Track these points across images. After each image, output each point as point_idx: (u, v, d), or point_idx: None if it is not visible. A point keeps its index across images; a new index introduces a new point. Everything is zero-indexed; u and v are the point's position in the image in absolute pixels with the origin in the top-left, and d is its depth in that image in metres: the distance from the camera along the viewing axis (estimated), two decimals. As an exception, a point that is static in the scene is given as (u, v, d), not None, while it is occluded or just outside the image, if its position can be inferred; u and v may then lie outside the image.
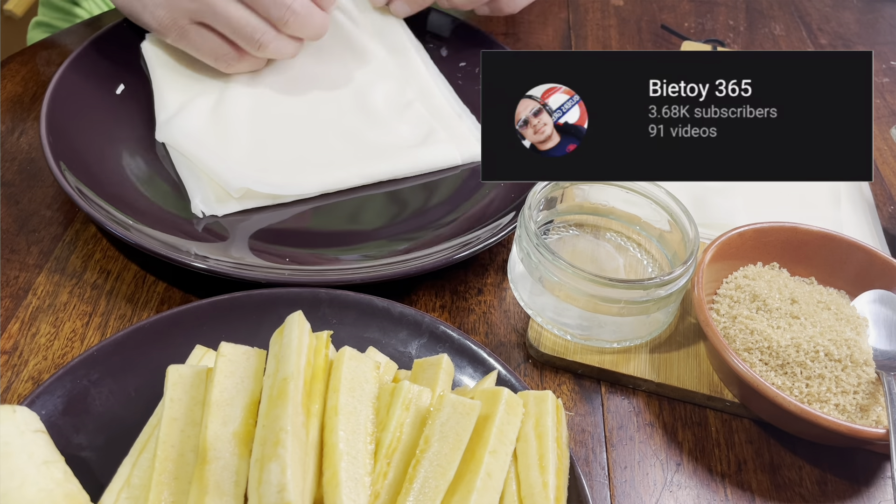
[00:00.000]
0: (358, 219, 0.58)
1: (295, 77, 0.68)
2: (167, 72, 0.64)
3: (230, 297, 0.46)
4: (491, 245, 0.54)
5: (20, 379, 0.46)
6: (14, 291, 0.51)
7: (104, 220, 0.50)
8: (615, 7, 0.94)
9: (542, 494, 0.37)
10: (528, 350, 0.51)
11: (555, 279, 0.48)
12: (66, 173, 0.53)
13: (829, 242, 0.54)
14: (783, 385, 0.47)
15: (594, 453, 0.46)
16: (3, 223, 0.55)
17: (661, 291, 0.48)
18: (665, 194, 0.53)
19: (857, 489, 0.47)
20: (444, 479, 0.35)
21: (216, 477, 0.34)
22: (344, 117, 0.65)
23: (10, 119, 0.64)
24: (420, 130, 0.65)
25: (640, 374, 0.50)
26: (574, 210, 0.57)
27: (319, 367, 0.37)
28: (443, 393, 0.37)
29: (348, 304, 0.47)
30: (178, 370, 0.38)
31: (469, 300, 0.54)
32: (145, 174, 0.57)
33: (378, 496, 0.35)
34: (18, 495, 0.33)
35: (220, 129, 0.61)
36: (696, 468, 0.47)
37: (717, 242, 0.53)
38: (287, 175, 0.58)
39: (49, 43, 0.73)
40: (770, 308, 0.50)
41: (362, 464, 0.35)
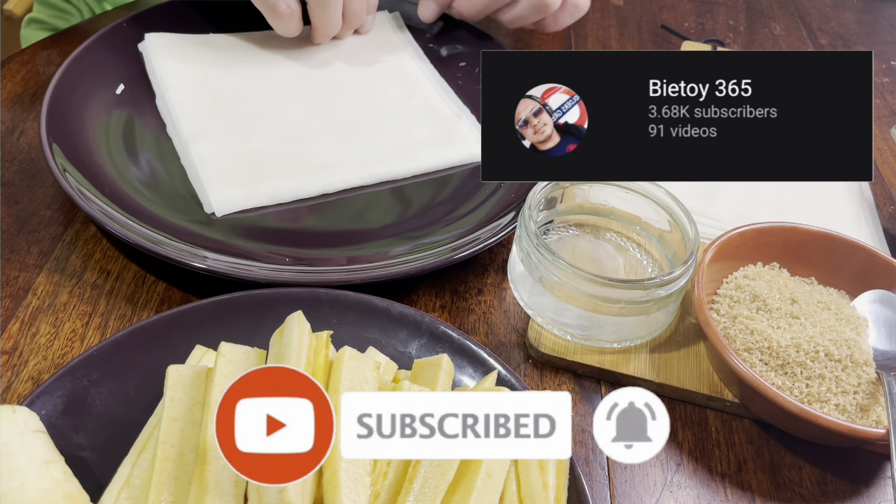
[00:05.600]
0: (358, 219, 0.58)
1: (295, 78, 0.68)
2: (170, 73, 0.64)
3: (230, 297, 0.46)
4: (491, 245, 0.54)
5: (20, 379, 0.46)
6: (14, 291, 0.51)
7: (104, 220, 0.50)
8: (615, 7, 0.94)
9: (542, 494, 0.37)
10: (528, 350, 0.51)
11: (555, 279, 0.48)
12: (66, 173, 0.53)
13: (829, 242, 0.54)
14: (783, 385, 0.47)
15: (594, 453, 0.46)
16: (3, 223, 0.55)
17: (661, 291, 0.48)
18: (665, 194, 0.53)
19: (857, 489, 0.47)
20: (444, 479, 0.35)
21: (216, 477, 0.34)
22: (344, 118, 0.65)
23: (10, 119, 0.64)
24: (420, 131, 0.65)
25: (640, 374, 0.50)
26: (574, 210, 0.57)
27: (319, 367, 0.37)
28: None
29: (348, 304, 0.47)
30: (178, 370, 0.38)
31: (469, 300, 0.54)
32: (145, 174, 0.57)
33: (378, 496, 0.35)
34: (18, 495, 0.33)
35: (221, 129, 0.61)
36: (696, 468, 0.47)
37: (717, 242, 0.53)
38: (287, 176, 0.58)
39: (49, 43, 0.73)
40: (770, 308, 0.50)
41: (362, 464, 0.35)
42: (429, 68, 0.72)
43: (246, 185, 0.57)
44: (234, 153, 0.59)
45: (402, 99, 0.68)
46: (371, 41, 0.72)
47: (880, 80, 0.87)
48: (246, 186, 0.57)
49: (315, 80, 0.68)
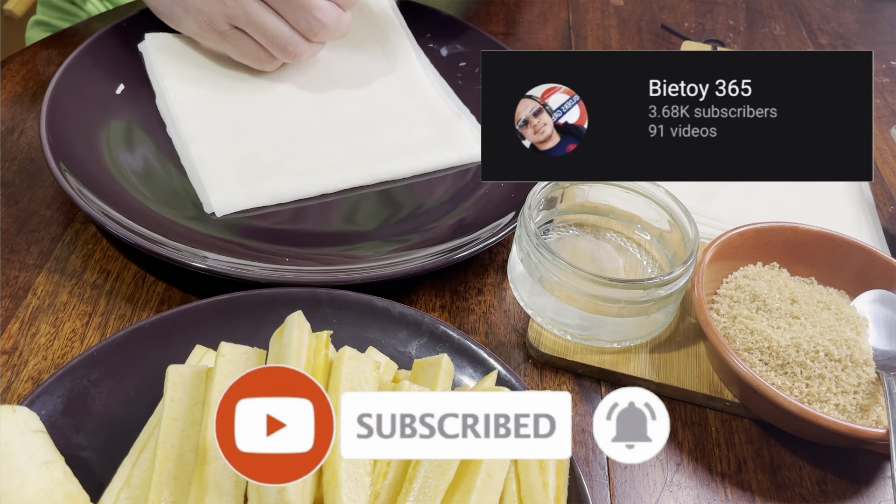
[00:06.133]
0: (358, 219, 0.58)
1: (295, 77, 0.68)
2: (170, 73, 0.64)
3: (230, 297, 0.46)
4: (491, 245, 0.54)
5: (20, 379, 0.46)
6: (14, 291, 0.51)
7: (104, 220, 0.50)
8: (615, 7, 0.94)
9: (542, 494, 0.37)
10: (528, 350, 0.51)
11: (555, 279, 0.48)
12: (66, 173, 0.53)
13: (829, 242, 0.54)
14: (783, 385, 0.47)
15: (594, 453, 0.46)
16: (3, 223, 0.55)
17: (661, 291, 0.48)
18: (665, 194, 0.53)
19: (857, 489, 0.47)
20: (444, 479, 0.35)
21: (216, 477, 0.34)
22: (345, 118, 0.65)
23: (10, 119, 0.64)
24: (420, 131, 0.65)
25: (640, 374, 0.50)
26: (574, 210, 0.57)
27: (319, 367, 0.37)
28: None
29: (348, 304, 0.47)
30: (178, 370, 0.38)
31: (469, 300, 0.54)
32: (145, 174, 0.57)
33: (378, 496, 0.35)
34: (18, 495, 0.33)
35: (221, 129, 0.61)
36: (696, 468, 0.47)
37: (717, 242, 0.53)
38: (287, 176, 0.58)
39: (49, 43, 0.73)
40: (770, 308, 0.50)
41: (362, 464, 0.35)
42: (429, 67, 0.72)
43: (246, 185, 0.57)
44: (234, 153, 0.59)
45: (402, 99, 0.68)
46: (371, 40, 0.72)
47: (880, 80, 0.87)
48: (246, 186, 0.57)
49: (315, 79, 0.68)
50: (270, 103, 0.65)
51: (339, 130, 0.64)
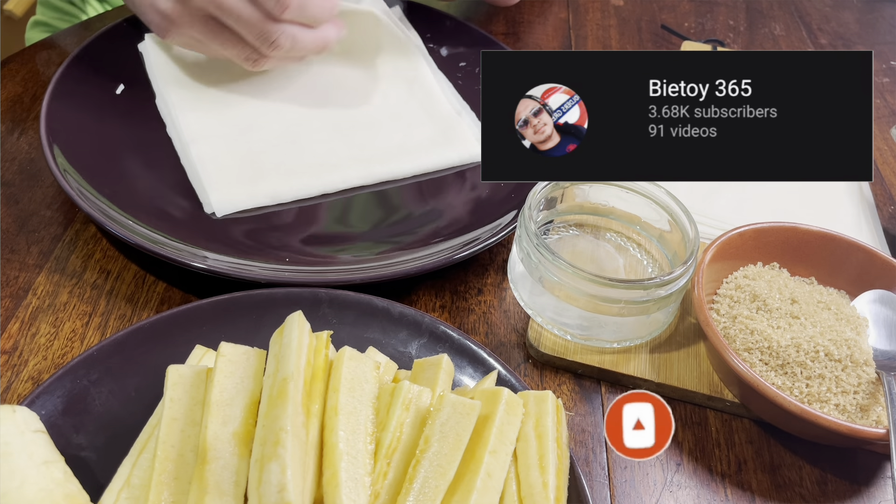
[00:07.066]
0: (358, 219, 0.58)
1: (295, 77, 0.68)
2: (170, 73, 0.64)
3: (230, 297, 0.46)
4: (491, 245, 0.54)
5: (20, 379, 0.46)
6: (14, 291, 0.51)
7: (104, 220, 0.50)
8: (615, 7, 0.94)
9: (542, 494, 0.37)
10: (528, 350, 0.51)
11: (555, 279, 0.48)
12: (66, 173, 0.53)
13: (829, 242, 0.54)
14: (783, 385, 0.47)
15: (594, 453, 0.46)
16: (3, 223, 0.55)
17: (661, 291, 0.48)
18: (665, 194, 0.53)
19: (857, 489, 0.47)
20: (444, 479, 0.35)
21: (216, 477, 0.34)
22: (344, 118, 0.65)
23: (10, 119, 0.64)
24: (420, 131, 0.65)
25: (640, 374, 0.50)
26: (574, 210, 0.57)
27: (319, 367, 0.37)
28: (443, 393, 0.37)
29: (348, 304, 0.47)
30: (178, 370, 0.38)
31: (469, 300, 0.54)
32: (145, 174, 0.57)
33: (378, 496, 0.35)
34: (18, 495, 0.33)
35: (221, 129, 0.61)
36: (696, 468, 0.47)
37: (717, 242, 0.53)
38: (287, 176, 0.58)
39: (49, 43, 0.73)
40: (770, 308, 0.50)
41: (362, 464, 0.35)
42: (430, 65, 0.72)
43: (246, 185, 0.57)
44: (234, 153, 0.59)
45: (402, 98, 0.68)
46: (371, 40, 0.72)
47: (880, 80, 0.87)
48: (246, 186, 0.57)
49: (315, 79, 0.68)
50: (270, 103, 0.65)
51: (339, 130, 0.64)
